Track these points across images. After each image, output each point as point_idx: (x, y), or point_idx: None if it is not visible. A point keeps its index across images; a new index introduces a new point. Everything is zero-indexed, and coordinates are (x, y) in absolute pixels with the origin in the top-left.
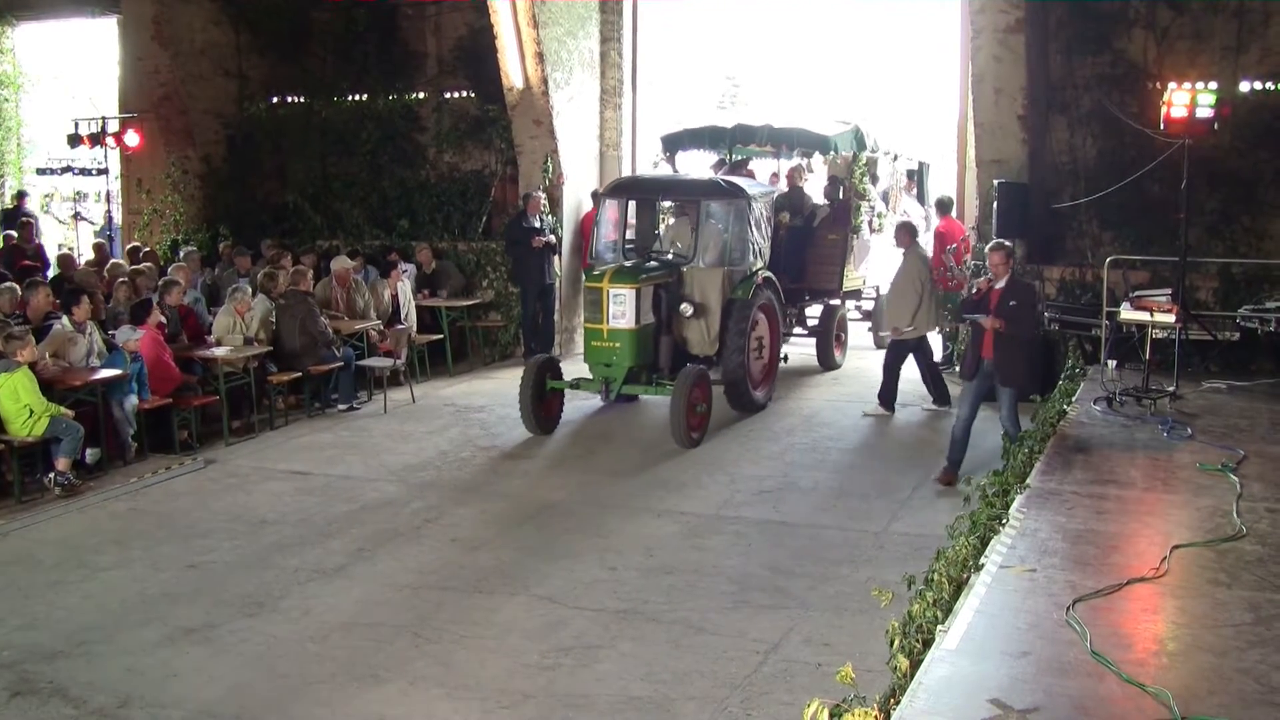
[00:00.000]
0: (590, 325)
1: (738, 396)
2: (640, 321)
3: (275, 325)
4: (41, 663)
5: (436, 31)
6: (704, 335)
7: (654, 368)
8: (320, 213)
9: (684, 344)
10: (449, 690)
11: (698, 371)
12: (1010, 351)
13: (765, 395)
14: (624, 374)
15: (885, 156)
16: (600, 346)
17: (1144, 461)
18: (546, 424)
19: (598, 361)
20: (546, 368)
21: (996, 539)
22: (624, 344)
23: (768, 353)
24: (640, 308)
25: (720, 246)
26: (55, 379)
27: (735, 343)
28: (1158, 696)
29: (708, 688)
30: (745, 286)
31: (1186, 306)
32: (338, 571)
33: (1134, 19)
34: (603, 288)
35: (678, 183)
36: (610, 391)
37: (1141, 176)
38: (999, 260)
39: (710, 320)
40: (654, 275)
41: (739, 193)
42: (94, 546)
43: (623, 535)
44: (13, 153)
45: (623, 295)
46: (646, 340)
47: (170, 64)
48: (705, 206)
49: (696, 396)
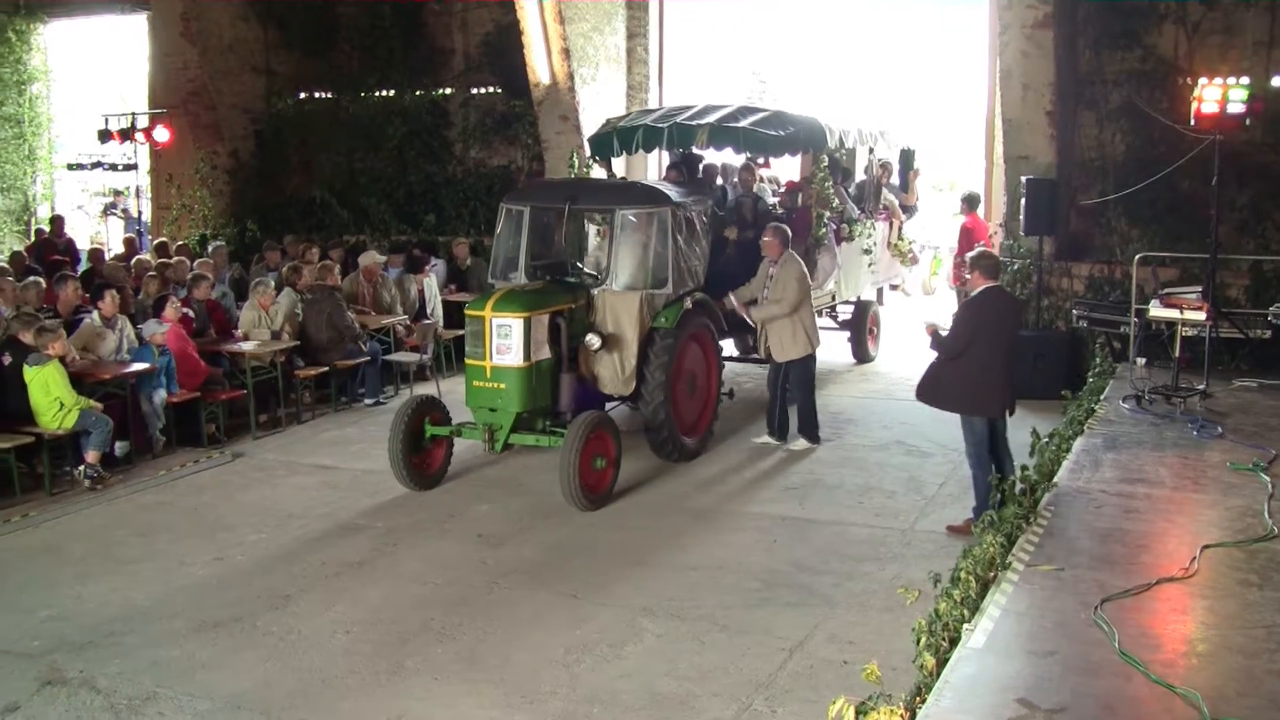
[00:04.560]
0: (471, 362)
1: (661, 444)
2: (532, 357)
3: (301, 319)
4: (70, 653)
5: (463, 27)
6: (617, 372)
7: (554, 411)
8: (347, 208)
9: (594, 382)
10: (473, 685)
11: (593, 418)
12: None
13: (699, 442)
14: (511, 420)
15: (862, 148)
16: (482, 387)
17: (1173, 460)
18: (425, 480)
19: (480, 405)
20: (424, 411)
21: (1024, 538)
22: (510, 384)
23: (702, 391)
24: (532, 340)
25: (638, 265)
26: (85, 372)
27: (656, 379)
28: (1187, 698)
29: (732, 685)
30: (670, 313)
31: (1217, 304)
32: (363, 565)
33: (1164, 14)
34: (484, 316)
35: (587, 188)
36: (495, 441)
37: (1171, 173)
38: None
39: (625, 354)
40: (551, 301)
41: (661, 199)
42: (122, 539)
43: (648, 531)
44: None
45: (509, 325)
46: (541, 379)
47: (199, 60)
48: (619, 216)
49: (595, 449)
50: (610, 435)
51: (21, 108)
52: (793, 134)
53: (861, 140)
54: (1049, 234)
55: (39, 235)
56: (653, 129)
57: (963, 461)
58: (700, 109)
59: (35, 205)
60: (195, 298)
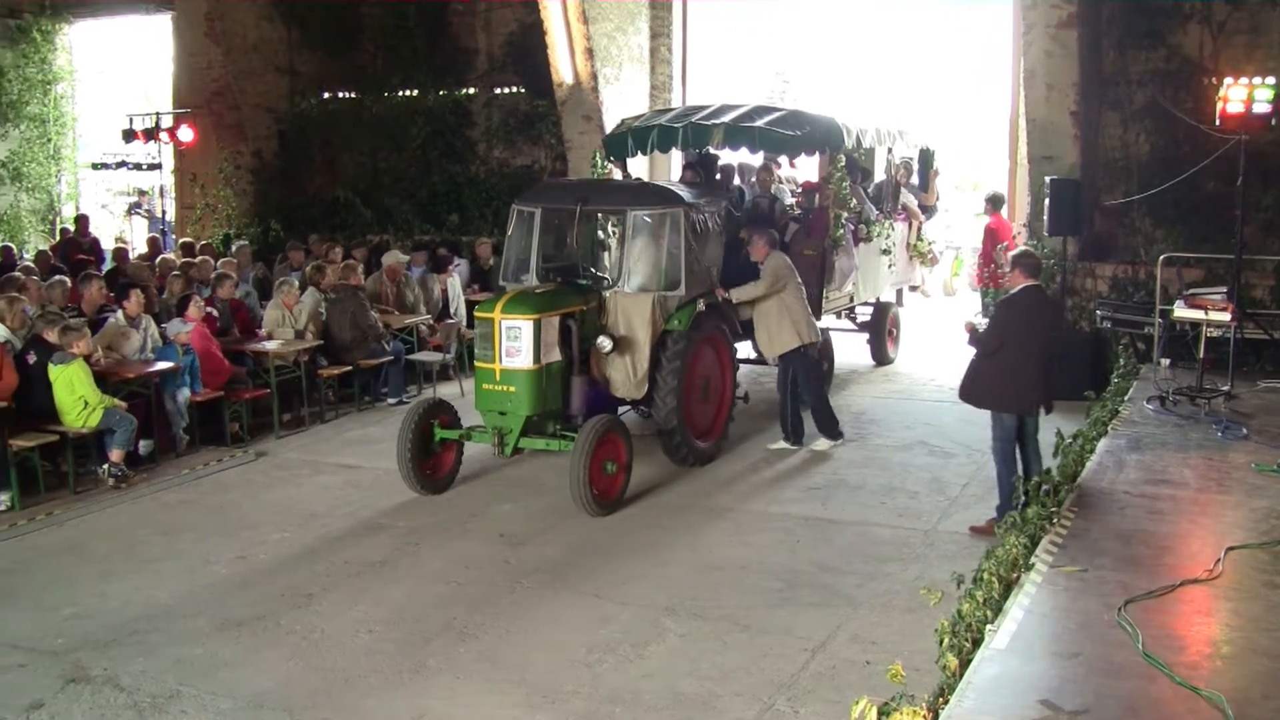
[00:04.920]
0: (481, 364)
1: (675, 449)
2: (542, 359)
3: (325, 319)
4: (94, 651)
5: (486, 27)
6: (629, 375)
7: (565, 415)
8: (370, 207)
9: (606, 386)
10: (494, 684)
11: (604, 422)
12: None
13: (714, 446)
14: (521, 424)
15: (880, 148)
16: (492, 390)
17: (1198, 461)
18: (434, 483)
19: (489, 408)
20: (433, 414)
21: (1047, 539)
22: (520, 387)
23: (716, 394)
24: (542, 342)
25: (650, 267)
26: (109, 371)
27: (669, 384)
28: (1211, 700)
29: (754, 685)
30: (683, 315)
31: (1241, 305)
32: (385, 565)
33: (1189, 13)
34: (493, 318)
35: (598, 189)
36: (505, 445)
37: (1195, 173)
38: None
39: (637, 357)
40: (562, 303)
41: (673, 200)
42: (145, 537)
43: (670, 531)
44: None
45: (518, 327)
46: (551, 382)
47: (222, 60)
48: (631, 217)
49: (605, 453)
50: (622, 439)
51: (47, 107)
52: (809, 134)
53: (880, 140)
54: (1073, 234)
55: (64, 234)
56: (667, 129)
57: (986, 462)
58: (716, 108)
59: (60, 205)
60: (219, 297)
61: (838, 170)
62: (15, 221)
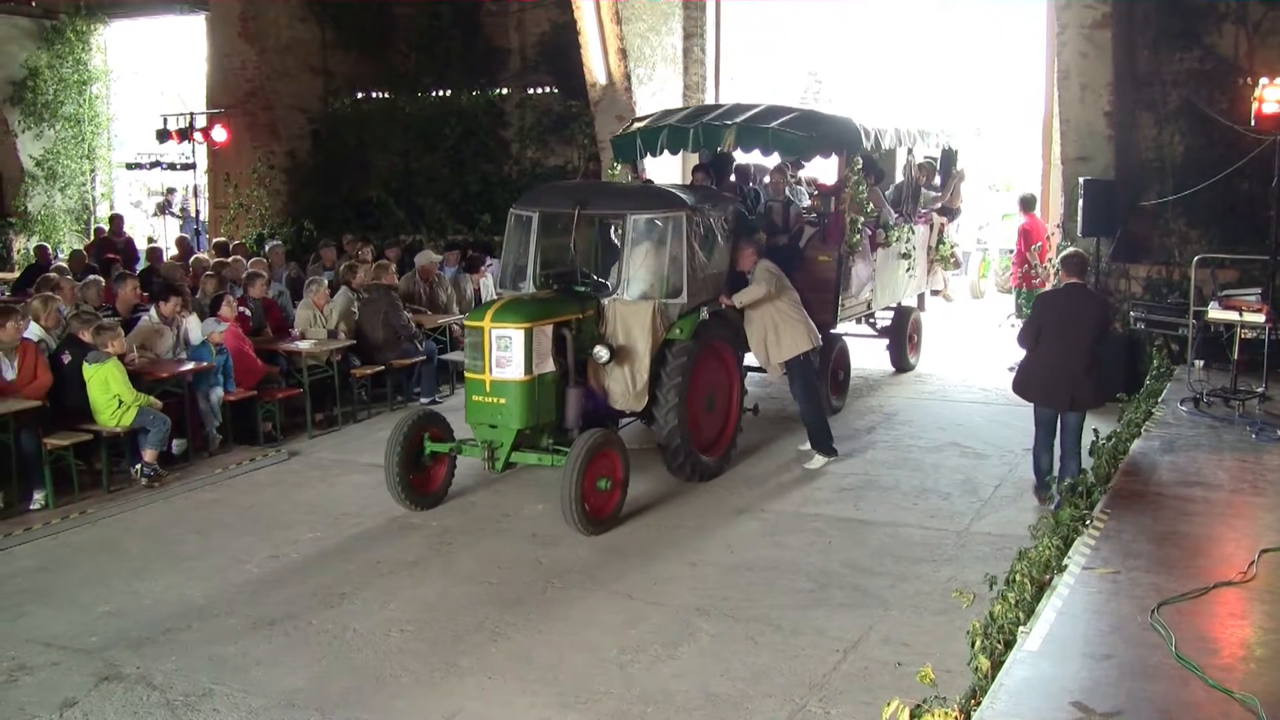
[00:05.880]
0: (471, 375)
1: (679, 464)
2: (534, 370)
3: (358, 319)
4: (127, 649)
5: (520, 28)
6: (628, 386)
7: (561, 428)
8: (403, 207)
9: (604, 397)
10: (526, 684)
11: (598, 437)
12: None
13: (719, 460)
14: (512, 437)
15: (900, 149)
16: (482, 402)
17: (1232, 463)
18: (424, 499)
19: (480, 421)
20: (424, 425)
21: (1080, 540)
22: (511, 399)
23: (722, 406)
24: (534, 352)
25: (651, 273)
26: (143, 370)
27: (669, 400)
28: (1245, 703)
29: (786, 686)
30: (686, 324)
31: (1276, 306)
32: (417, 564)
33: (1224, 13)
34: (483, 327)
35: (598, 192)
36: (495, 460)
37: (1230, 174)
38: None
39: (636, 367)
40: (556, 311)
41: (676, 203)
42: (179, 536)
43: (702, 531)
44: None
45: (509, 337)
46: (545, 394)
47: (256, 60)
48: (631, 222)
49: (599, 469)
50: (617, 454)
51: (81, 107)
52: (824, 135)
53: (899, 141)
54: (1107, 235)
55: (98, 234)
56: (678, 130)
57: (1019, 464)
58: (728, 109)
59: (94, 204)
60: (252, 296)
61: (854, 173)
62: (50, 221)
